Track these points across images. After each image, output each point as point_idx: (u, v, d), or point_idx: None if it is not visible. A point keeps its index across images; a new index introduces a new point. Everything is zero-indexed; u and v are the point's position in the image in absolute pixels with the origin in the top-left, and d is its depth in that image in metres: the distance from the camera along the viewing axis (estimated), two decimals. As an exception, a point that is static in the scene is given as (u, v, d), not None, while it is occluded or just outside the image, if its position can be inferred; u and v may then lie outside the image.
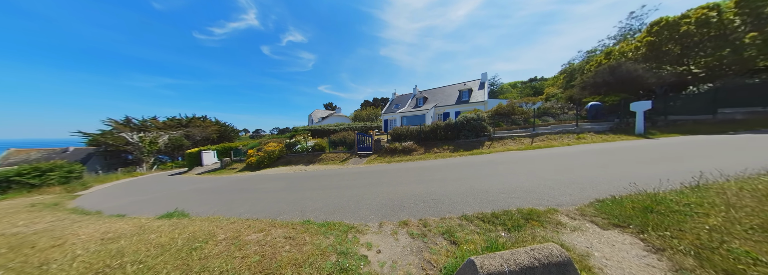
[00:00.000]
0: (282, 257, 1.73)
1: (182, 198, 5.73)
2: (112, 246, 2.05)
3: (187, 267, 1.60)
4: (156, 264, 1.65)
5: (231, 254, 1.76)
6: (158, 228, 2.55)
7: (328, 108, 47.66)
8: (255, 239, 2.02)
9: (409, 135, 10.29)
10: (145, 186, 9.52)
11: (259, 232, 2.18)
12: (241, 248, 1.85)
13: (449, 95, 20.83)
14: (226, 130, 26.80)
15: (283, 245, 1.93)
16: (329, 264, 1.70)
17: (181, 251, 1.84)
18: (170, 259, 1.72)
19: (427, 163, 7.18)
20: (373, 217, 2.99)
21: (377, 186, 4.60)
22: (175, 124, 22.92)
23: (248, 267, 1.59)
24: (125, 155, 19.19)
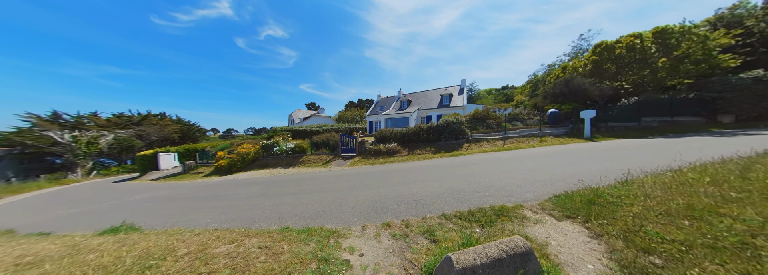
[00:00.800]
0: (256, 269, 1.61)
1: (131, 210, 4.92)
2: (32, 273, 1.68)
3: None
4: None
5: (195, 270, 1.58)
6: (99, 246, 2.16)
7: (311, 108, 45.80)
8: (224, 251, 1.85)
9: (393, 137, 10.45)
10: (79, 196, 7.93)
11: (230, 243, 2.00)
12: (207, 263, 1.68)
13: (432, 99, 21.78)
14: (191, 130, 23.83)
15: (257, 256, 1.80)
16: (309, 272, 1.64)
17: (130, 272, 1.60)
18: None
19: (410, 165, 7.37)
20: (356, 220, 2.97)
21: (361, 189, 4.57)
22: (123, 122, 19.54)
23: None
24: (51, 158, 15.66)
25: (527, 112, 13.26)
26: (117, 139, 17.31)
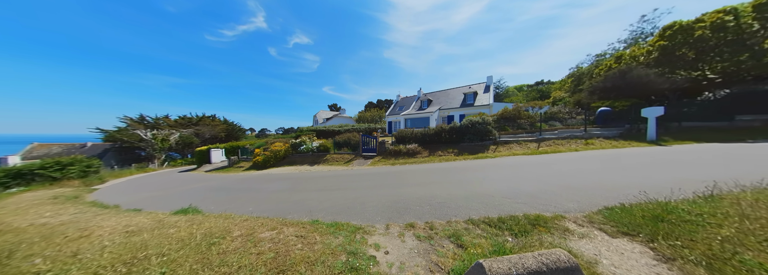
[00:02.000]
0: (295, 255, 1.80)
1: (193, 195, 5.92)
2: (136, 239, 2.17)
3: (208, 261, 1.69)
4: (178, 257, 1.76)
5: (247, 250, 1.85)
6: (176, 223, 2.68)
7: (333, 109, 48.21)
8: (268, 237, 2.10)
9: (413, 137, 10.33)
10: (156, 182, 9.85)
11: (272, 230, 2.27)
12: (256, 245, 1.94)
13: (454, 98, 20.81)
14: (234, 129, 27.42)
15: (295, 243, 2.01)
16: (340, 263, 1.77)
17: (201, 245, 1.94)
18: (191, 253, 1.82)
19: (432, 166, 7.19)
20: (379, 219, 3.05)
21: (382, 189, 4.65)
22: (185, 123, 23.63)
23: (264, 264, 1.67)
24: (139, 151, 19.87)
25: (568, 111, 11.64)
26: (181, 137, 21.04)
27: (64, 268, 1.71)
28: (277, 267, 1.63)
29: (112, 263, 1.72)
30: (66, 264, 1.77)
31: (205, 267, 1.62)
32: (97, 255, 1.86)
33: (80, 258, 1.82)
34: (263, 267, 1.64)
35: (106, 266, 1.71)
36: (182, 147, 21.56)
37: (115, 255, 1.83)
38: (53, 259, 1.86)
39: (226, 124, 26.78)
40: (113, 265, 1.71)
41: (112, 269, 1.67)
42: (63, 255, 1.92)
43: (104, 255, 1.85)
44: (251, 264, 1.67)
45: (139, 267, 1.66)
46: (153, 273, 1.58)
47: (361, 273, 1.66)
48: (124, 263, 1.72)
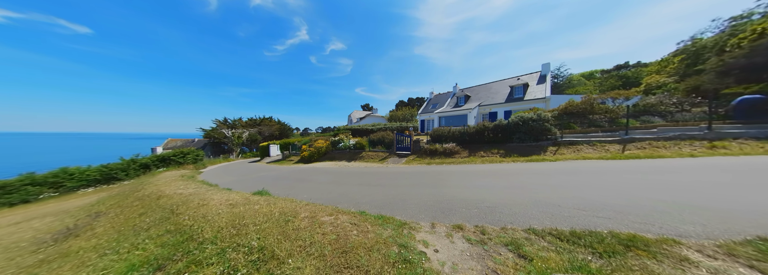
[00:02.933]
0: (353, 239, 2.01)
1: (261, 181, 7.33)
2: (235, 210, 2.87)
3: (286, 234, 2.08)
4: (266, 228, 2.23)
5: (314, 230, 2.17)
6: (257, 201, 3.38)
7: (365, 108, 50.39)
8: (328, 221, 2.41)
9: (450, 136, 9.74)
10: (236, 169, 12.65)
11: (330, 216, 2.59)
12: (320, 226, 2.26)
13: (497, 92, 18.43)
14: (285, 129, 32.33)
15: (351, 229, 2.24)
16: (393, 253, 1.87)
17: (279, 221, 2.40)
18: (273, 226, 2.28)
19: (473, 168, 6.63)
20: (423, 217, 3.04)
21: (421, 188, 4.61)
22: (252, 123, 29.40)
23: (329, 243, 1.93)
24: (223, 145, 26.01)
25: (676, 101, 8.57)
26: (250, 135, 26.32)
27: (201, 225, 2.42)
28: (340, 248, 1.86)
29: (226, 225, 2.33)
30: (200, 222, 2.49)
31: (285, 239, 1.99)
32: (217, 218, 2.55)
33: (208, 219, 2.54)
34: (329, 246, 1.89)
35: (223, 227, 2.31)
36: (250, 143, 26.94)
37: (227, 220, 2.47)
38: (192, 217, 2.65)
39: (280, 124, 31.82)
40: (228, 227, 2.30)
41: (227, 229, 2.24)
42: (197, 215, 2.72)
43: (221, 218, 2.52)
44: (319, 241, 1.95)
45: (243, 231, 2.18)
46: (251, 237, 2.05)
47: (415, 266, 1.71)
48: (233, 226, 2.30)
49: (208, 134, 26.02)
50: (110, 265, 2.29)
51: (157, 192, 5.06)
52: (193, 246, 2.03)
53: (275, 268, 1.61)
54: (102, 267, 2.29)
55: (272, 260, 1.70)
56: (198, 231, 2.31)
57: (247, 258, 1.74)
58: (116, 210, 4.45)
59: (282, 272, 1.57)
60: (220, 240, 2.02)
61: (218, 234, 2.09)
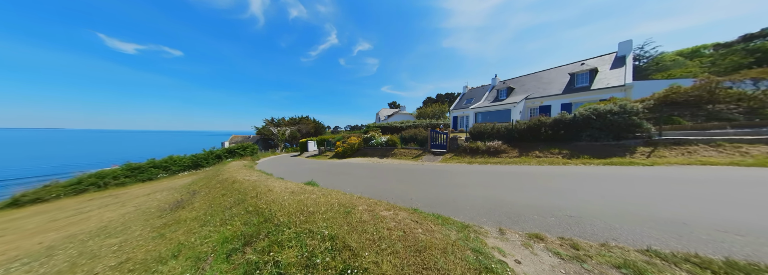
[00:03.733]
0: (422, 238, 1.87)
1: (306, 173, 8.02)
2: (296, 198, 3.10)
3: (352, 226, 2.09)
4: (330, 217, 2.30)
5: (377, 224, 2.13)
6: (312, 190, 3.61)
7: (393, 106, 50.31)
8: (388, 216, 2.34)
9: (495, 133, 8.71)
10: (282, 162, 14.34)
11: (388, 210, 2.52)
12: (382, 220, 2.21)
13: (550, 82, 15.59)
14: (319, 127, 35.23)
15: (414, 227, 2.11)
16: (470, 258, 1.65)
17: (340, 212, 2.45)
18: (337, 216, 2.33)
19: (528, 169, 5.72)
20: (483, 221, 2.71)
21: (468, 188, 4.20)
22: (293, 122, 33.04)
23: (398, 239, 1.84)
24: (270, 141, 30.08)
25: None
26: (291, 132, 29.63)
27: (273, 209, 2.68)
28: (412, 246, 1.74)
29: (295, 211, 2.50)
30: (272, 206, 2.77)
31: (353, 231, 1.99)
32: (285, 204, 2.80)
33: (277, 204, 2.80)
34: (399, 242, 1.80)
35: (293, 213, 2.49)
36: (291, 139, 30.35)
37: (294, 207, 2.67)
38: (266, 202, 2.98)
39: (315, 123, 34.81)
40: (296, 213, 2.46)
41: (297, 215, 2.40)
42: (268, 200, 3.05)
43: (289, 205, 2.74)
44: (387, 237, 1.88)
45: (311, 218, 2.29)
46: (320, 225, 2.12)
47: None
48: (301, 213, 2.45)
49: (260, 131, 30.43)
50: (209, 235, 2.77)
51: (231, 178, 6.05)
52: (271, 228, 2.24)
53: (350, 259, 1.60)
54: (204, 235, 2.80)
55: (345, 250, 1.70)
56: (273, 214, 2.55)
57: (321, 245, 1.79)
58: (205, 190, 5.51)
59: (359, 264, 1.54)
60: (293, 224, 2.17)
61: (291, 219, 2.25)
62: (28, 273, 2.84)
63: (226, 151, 15.89)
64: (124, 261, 2.66)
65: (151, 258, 2.57)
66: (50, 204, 7.99)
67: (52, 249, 3.55)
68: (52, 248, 3.59)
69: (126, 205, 5.94)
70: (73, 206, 7.01)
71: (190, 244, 2.64)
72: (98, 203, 6.85)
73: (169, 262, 2.35)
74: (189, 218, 3.76)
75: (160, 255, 2.57)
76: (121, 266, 2.58)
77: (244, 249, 2.05)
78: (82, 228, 4.43)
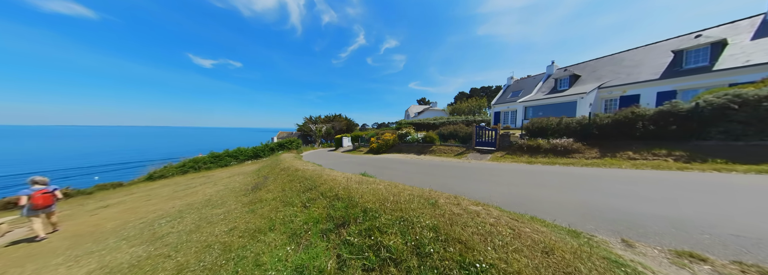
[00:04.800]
0: (538, 238, 1.58)
1: (348, 166, 8.41)
2: (366, 187, 3.14)
3: (448, 218, 1.93)
4: (417, 208, 2.20)
5: (474, 219, 1.92)
6: (375, 181, 3.64)
7: (422, 103, 48.69)
8: (480, 211, 2.11)
9: (563, 129, 7.31)
10: (322, 155, 15.56)
11: (476, 206, 2.29)
12: (477, 215, 1.99)
13: (639, 64, 12.16)
14: (351, 124, 37.05)
15: (519, 226, 1.83)
16: (619, 271, 1.30)
17: (424, 203, 2.33)
18: (423, 207, 2.22)
19: (619, 173, 4.55)
20: (589, 228, 2.22)
21: (543, 190, 3.58)
22: (327, 120, 35.63)
23: (512, 237, 1.60)
24: (308, 137, 33.27)
25: None
26: (327, 129, 32.03)
27: (353, 194, 2.76)
28: (533, 246, 1.49)
29: (376, 199, 2.50)
30: (349, 192, 2.86)
31: (451, 223, 1.83)
32: (361, 192, 2.85)
33: (354, 191, 2.89)
34: (515, 240, 1.56)
35: (376, 200, 2.49)
36: (326, 135, 32.84)
37: (372, 195, 2.69)
38: (345, 188, 3.11)
39: (347, 120, 36.71)
40: (379, 201, 2.45)
41: (381, 203, 2.37)
42: (341, 187, 3.19)
43: (365, 192, 2.78)
44: (497, 233, 1.65)
45: (399, 207, 2.22)
46: (412, 214, 2.03)
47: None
48: (384, 201, 2.43)
49: (300, 128, 33.91)
50: (295, 214, 3.08)
51: (292, 166, 6.78)
52: (359, 213, 2.28)
53: (466, 252, 1.45)
54: (290, 214, 3.12)
55: (454, 242, 1.56)
56: (355, 200, 2.61)
57: (425, 235, 1.68)
58: (273, 176, 6.32)
59: (483, 259, 1.37)
60: (384, 211, 2.14)
61: (380, 206, 2.24)
62: (172, 228, 3.78)
63: (277, 145, 18.30)
64: (232, 229, 3.22)
65: (252, 228, 3.02)
66: (169, 180, 10.72)
67: (182, 212, 4.65)
68: (181, 211, 4.71)
69: (217, 184, 7.40)
70: (183, 182, 9.20)
71: (280, 220, 2.98)
72: (199, 181, 8.79)
73: (268, 234, 2.70)
74: (268, 198, 4.34)
75: (258, 227, 2.99)
76: (231, 232, 3.12)
77: (338, 230, 2.15)
78: (195, 199, 5.70)
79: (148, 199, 6.60)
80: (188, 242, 3.06)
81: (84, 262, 2.98)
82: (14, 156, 32.56)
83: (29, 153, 36.72)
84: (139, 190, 8.75)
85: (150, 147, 52.01)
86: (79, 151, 40.09)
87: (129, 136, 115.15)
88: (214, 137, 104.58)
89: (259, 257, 2.13)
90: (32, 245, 3.95)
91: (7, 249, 3.93)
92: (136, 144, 57.01)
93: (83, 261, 3.01)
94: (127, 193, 8.31)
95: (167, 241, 3.23)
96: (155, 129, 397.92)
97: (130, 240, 3.60)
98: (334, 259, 1.75)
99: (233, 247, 2.54)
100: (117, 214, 5.33)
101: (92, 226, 4.63)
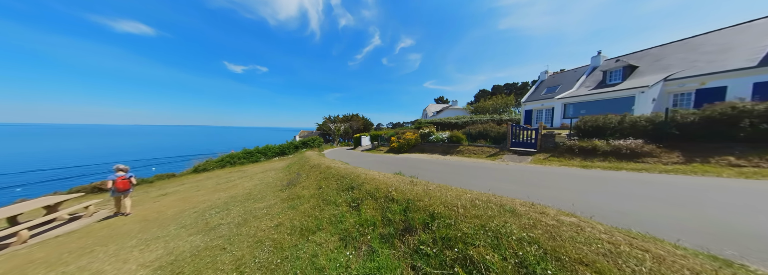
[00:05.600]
0: (684, 264, 1.16)
1: (373, 165, 8.20)
2: (417, 188, 2.88)
3: (546, 230, 1.58)
4: (495, 215, 1.88)
5: (579, 233, 1.54)
6: (423, 183, 3.36)
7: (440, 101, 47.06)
8: (577, 223, 1.70)
9: (626, 128, 6.21)
10: (343, 154, 15.76)
11: (567, 216, 1.89)
12: (579, 229, 1.60)
13: (725, 50, 9.90)
14: (368, 123, 37.46)
15: (644, 245, 1.40)
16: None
17: (499, 210, 1.99)
18: (501, 215, 1.90)
19: (726, 183, 3.60)
20: (729, 253, 1.66)
21: (627, 200, 2.93)
22: (345, 119, 36.45)
23: (652, 261, 1.19)
24: (327, 136, 34.40)
25: None
26: (345, 128, 32.75)
27: (409, 196, 2.51)
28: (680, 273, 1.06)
29: (439, 203, 2.23)
30: (405, 195, 2.62)
31: (552, 238, 1.48)
32: (416, 194, 2.60)
33: (411, 192, 2.65)
34: (656, 264, 1.15)
35: (438, 204, 2.21)
36: (344, 134, 33.58)
37: (431, 198, 2.41)
38: (399, 191, 2.90)
39: (364, 120, 37.16)
40: (443, 205, 2.16)
41: (448, 207, 2.08)
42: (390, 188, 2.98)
43: (420, 194, 2.53)
44: (626, 254, 1.27)
45: (471, 213, 1.91)
46: (494, 223, 1.71)
47: None
48: (445, 205, 2.14)
49: (319, 127, 35.18)
50: (341, 214, 2.95)
51: (322, 164, 6.86)
52: (427, 218, 2.03)
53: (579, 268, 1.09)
54: (337, 214, 2.98)
55: (578, 265, 1.22)
56: (417, 204, 2.37)
57: (530, 252, 1.36)
58: (306, 173, 6.44)
59: None
60: (458, 218, 1.86)
61: (451, 212, 1.97)
62: (222, 219, 4.00)
63: (300, 143, 19.20)
64: (279, 225, 3.24)
65: (298, 226, 2.98)
66: (211, 173, 11.82)
67: (227, 204, 4.95)
68: (226, 203, 5.02)
69: (253, 179, 7.86)
70: (223, 175, 10.03)
71: (327, 220, 2.89)
72: (236, 175, 9.49)
73: (317, 233, 2.61)
74: (306, 195, 4.35)
75: (305, 226, 2.94)
76: (278, 228, 3.14)
77: (404, 237, 1.93)
78: (237, 192, 6.07)
79: (197, 190, 7.26)
80: (239, 235, 3.14)
81: (153, 247, 3.25)
82: (98, 150, 40.73)
83: (107, 148, 45.82)
84: (189, 181, 9.75)
85: (192, 143, 60.36)
86: (140, 147, 48.04)
87: (175, 134, 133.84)
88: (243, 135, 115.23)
89: (315, 259, 2.01)
90: (113, 226, 4.52)
91: (96, 227, 4.57)
92: (181, 141, 67.78)
93: (152, 246, 3.28)
94: (179, 184, 9.32)
95: (220, 233, 3.38)
96: (195, 128, 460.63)
97: (187, 228, 3.87)
98: (409, 272, 1.53)
99: (284, 245, 2.49)
100: (174, 202, 5.91)
101: (156, 212, 5.18)
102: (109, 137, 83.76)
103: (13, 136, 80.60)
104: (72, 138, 72.18)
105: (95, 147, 45.70)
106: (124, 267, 2.70)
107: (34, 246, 3.88)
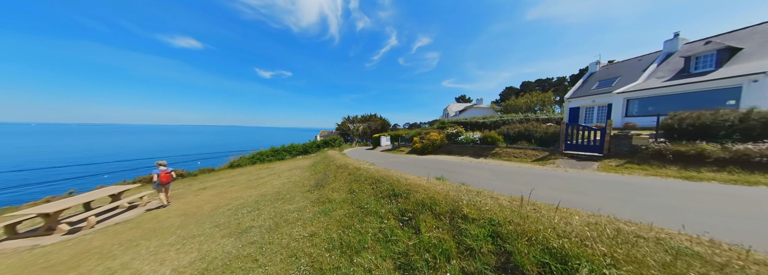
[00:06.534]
0: None
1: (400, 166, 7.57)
2: (490, 202, 2.19)
3: None
4: (613, 243, 1.11)
5: None
6: (491, 195, 2.65)
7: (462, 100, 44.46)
8: None
9: (753, 127, 4.54)
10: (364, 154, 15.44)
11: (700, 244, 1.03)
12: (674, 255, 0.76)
13: None
14: (385, 123, 37.10)
15: None
16: None
17: (607, 233, 1.22)
18: (617, 244, 1.12)
19: None
20: None
21: None
22: (363, 119, 36.61)
23: None
24: (346, 136, 34.91)
25: None
26: (363, 128, 32.86)
27: (493, 216, 1.84)
28: None
29: (560, 236, 1.52)
30: (476, 209, 1.96)
31: None
32: (495, 212, 1.93)
33: (489, 211, 1.99)
34: None
35: (554, 234, 1.51)
36: (363, 134, 33.70)
37: (524, 220, 1.72)
38: (473, 207, 2.26)
39: (382, 120, 36.89)
40: (565, 236, 1.45)
41: (542, 232, 1.38)
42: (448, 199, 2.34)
43: (498, 210, 1.85)
44: None
45: (580, 236, 1.17)
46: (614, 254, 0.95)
47: None
48: (548, 229, 1.43)
49: (339, 127, 35.91)
50: (389, 229, 2.33)
51: (348, 164, 6.50)
52: (544, 256, 1.36)
53: None
54: (385, 228, 2.39)
55: None
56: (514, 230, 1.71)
57: None
58: (332, 173, 6.13)
59: None
60: (599, 263, 1.15)
61: (580, 250, 1.26)
62: (253, 221, 3.82)
63: (322, 142, 19.60)
64: (313, 235, 2.84)
65: (336, 239, 2.53)
66: (243, 169, 12.56)
67: (258, 203, 4.85)
68: (257, 202, 4.93)
69: (281, 177, 7.91)
70: (254, 172, 10.48)
71: (372, 236, 2.38)
72: (265, 172, 9.79)
73: (362, 253, 2.11)
74: (337, 199, 3.95)
75: (344, 240, 2.47)
76: (312, 239, 2.73)
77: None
78: (266, 190, 6.04)
79: (232, 185, 7.55)
80: (270, 244, 2.83)
81: (188, 247, 3.13)
82: (156, 145, 48.57)
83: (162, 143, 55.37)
84: (225, 176, 10.40)
85: (228, 141, 68.88)
86: (186, 143, 56.56)
87: (214, 132, 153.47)
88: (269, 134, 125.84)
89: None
90: (158, 218, 4.73)
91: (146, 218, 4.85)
92: (219, 139, 79.22)
93: (188, 246, 3.18)
94: (217, 178, 9.96)
95: (251, 238, 3.14)
96: (230, 127, 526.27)
97: (220, 227, 3.76)
98: None
99: (324, 266, 2.04)
100: (211, 197, 6.13)
101: (195, 207, 5.35)
102: (164, 135, 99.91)
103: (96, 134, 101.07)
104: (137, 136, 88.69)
105: (154, 143, 56.15)
106: (160, 269, 2.57)
107: (97, 233, 4.18)
